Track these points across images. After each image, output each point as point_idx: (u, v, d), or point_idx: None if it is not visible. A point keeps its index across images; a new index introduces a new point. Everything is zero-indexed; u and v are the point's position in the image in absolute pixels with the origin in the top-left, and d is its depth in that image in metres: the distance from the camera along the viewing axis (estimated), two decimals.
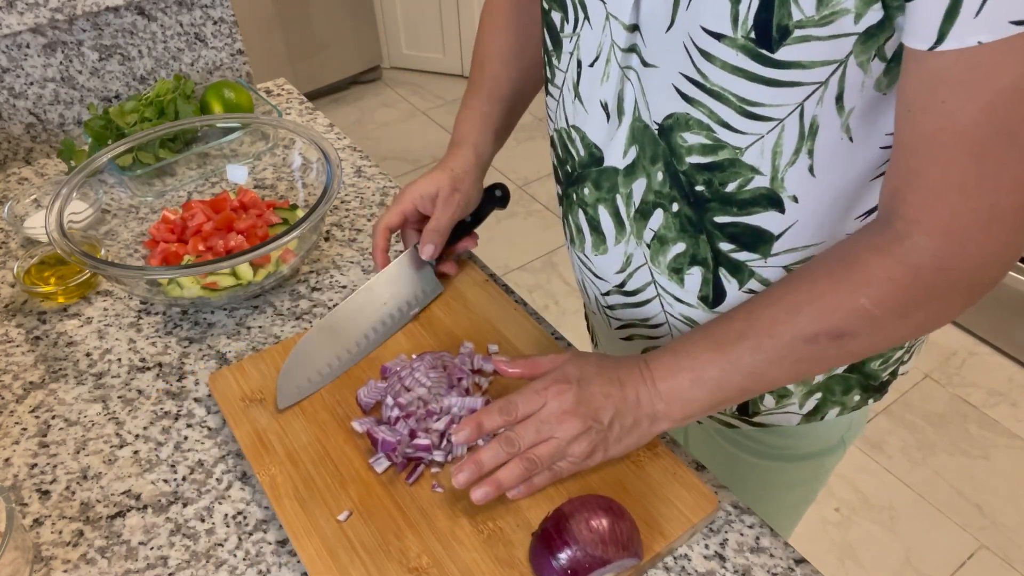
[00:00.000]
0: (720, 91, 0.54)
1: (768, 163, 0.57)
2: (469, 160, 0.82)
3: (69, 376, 0.79)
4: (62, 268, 0.89)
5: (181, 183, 1.01)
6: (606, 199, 0.69)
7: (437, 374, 0.71)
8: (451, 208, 0.80)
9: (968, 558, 1.66)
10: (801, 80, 0.51)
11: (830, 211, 0.59)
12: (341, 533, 0.62)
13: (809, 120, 0.54)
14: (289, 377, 0.73)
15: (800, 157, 0.56)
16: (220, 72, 1.23)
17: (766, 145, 0.56)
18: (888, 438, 1.89)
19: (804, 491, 0.89)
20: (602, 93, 0.64)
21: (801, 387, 0.73)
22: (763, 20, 0.49)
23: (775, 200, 0.59)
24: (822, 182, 0.57)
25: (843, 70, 0.50)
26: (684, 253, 0.66)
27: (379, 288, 0.80)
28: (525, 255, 2.44)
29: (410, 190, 0.80)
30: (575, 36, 0.64)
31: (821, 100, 0.52)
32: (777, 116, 0.54)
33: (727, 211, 0.61)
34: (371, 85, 3.33)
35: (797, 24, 0.48)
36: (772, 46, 0.50)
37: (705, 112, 0.56)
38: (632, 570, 0.60)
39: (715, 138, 0.57)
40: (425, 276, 0.82)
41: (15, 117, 1.08)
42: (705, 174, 0.60)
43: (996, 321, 2.04)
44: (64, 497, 0.69)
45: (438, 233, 0.80)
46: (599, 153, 0.67)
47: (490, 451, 0.60)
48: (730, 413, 0.78)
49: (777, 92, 0.53)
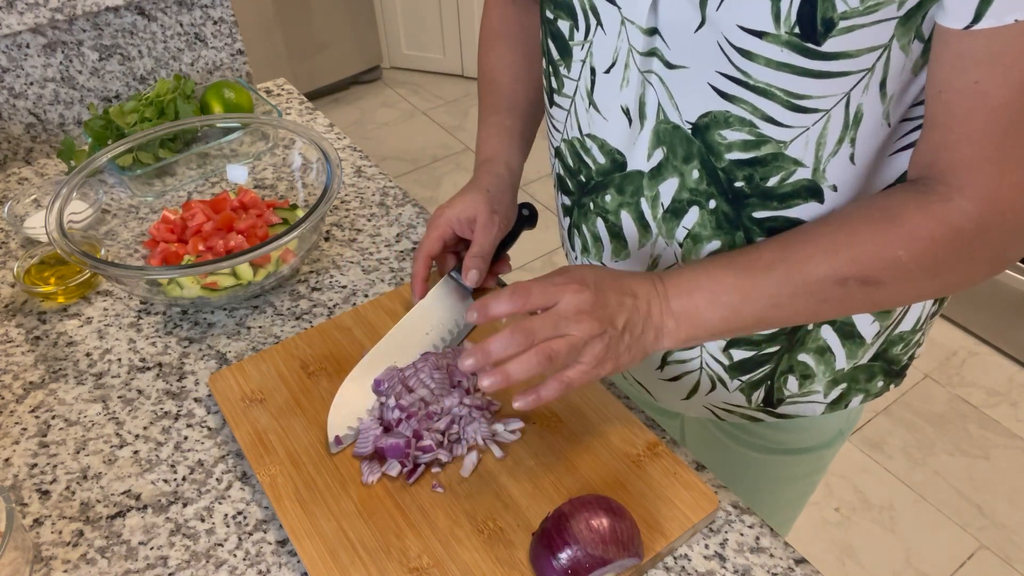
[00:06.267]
0: (765, 87, 0.54)
1: (812, 155, 0.57)
2: (503, 178, 0.79)
3: (69, 376, 0.79)
4: (62, 268, 0.89)
5: (181, 183, 1.01)
6: (629, 203, 0.68)
7: (440, 375, 0.71)
8: (492, 230, 0.77)
9: (968, 558, 1.66)
10: (849, 69, 0.52)
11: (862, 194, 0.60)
12: (341, 533, 0.62)
13: (855, 108, 0.54)
14: (340, 418, 0.69)
15: (843, 147, 0.56)
16: (220, 72, 1.23)
17: (811, 137, 0.56)
18: (888, 438, 1.89)
19: (804, 485, 0.89)
20: (622, 98, 0.63)
21: (827, 375, 0.73)
22: (807, 14, 0.49)
23: (816, 191, 0.59)
24: (860, 168, 0.58)
25: (887, 54, 0.50)
26: (719, 251, 0.65)
27: (421, 319, 0.77)
28: (525, 255, 2.44)
29: (446, 214, 0.77)
30: (587, 43, 0.63)
31: (867, 87, 0.53)
32: (824, 107, 0.54)
33: (767, 206, 0.61)
34: (371, 85, 3.33)
35: (842, 16, 0.48)
36: (818, 39, 0.50)
37: (748, 108, 0.56)
38: (632, 570, 0.60)
39: (758, 133, 0.57)
40: (466, 300, 0.79)
41: (15, 117, 1.08)
42: (746, 169, 0.59)
43: (996, 321, 2.04)
44: (64, 497, 0.69)
45: (481, 258, 0.76)
46: (621, 158, 0.66)
47: (501, 340, 0.55)
48: (756, 406, 0.77)
49: (825, 84, 0.53)
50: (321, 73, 3.13)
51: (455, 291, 0.80)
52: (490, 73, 0.82)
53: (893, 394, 1.98)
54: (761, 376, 0.73)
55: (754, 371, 0.73)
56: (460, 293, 0.80)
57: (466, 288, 0.79)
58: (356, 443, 0.67)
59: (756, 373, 0.73)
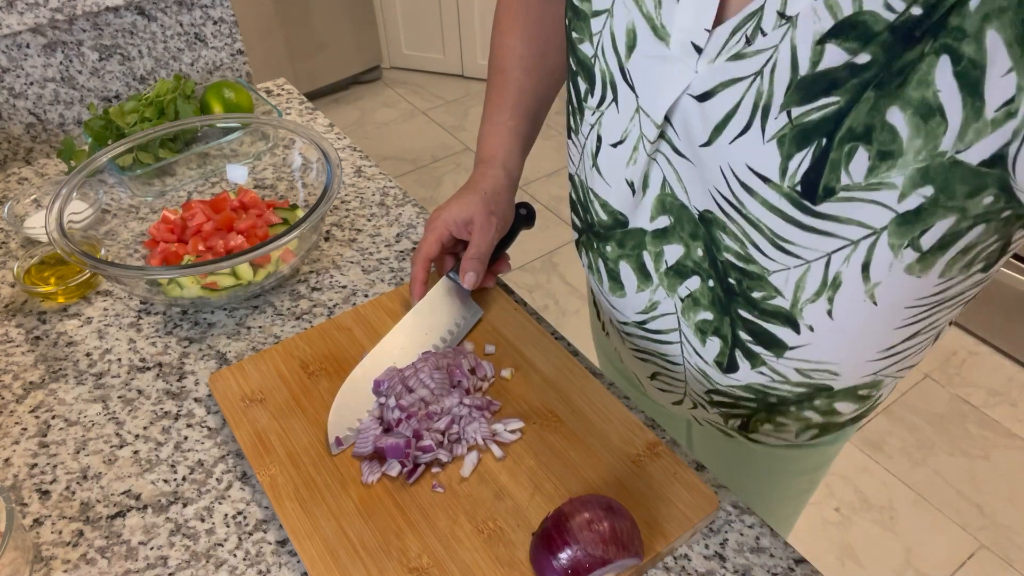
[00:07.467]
0: (756, 221, 0.54)
1: (791, 291, 0.57)
2: (500, 180, 0.79)
3: (69, 376, 0.79)
4: (62, 268, 0.89)
5: (181, 183, 1.01)
6: (630, 256, 0.68)
7: (440, 375, 0.71)
8: (489, 232, 0.77)
9: (968, 558, 1.66)
10: (834, 232, 0.51)
11: (846, 347, 0.60)
12: (341, 533, 0.62)
13: (833, 273, 0.54)
14: (341, 419, 0.69)
15: (820, 299, 0.56)
16: (220, 72, 1.23)
17: (791, 276, 0.56)
18: (888, 438, 1.89)
19: (806, 480, 0.89)
20: (628, 173, 0.62)
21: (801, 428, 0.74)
22: (811, 179, 0.49)
23: (792, 322, 0.59)
24: (840, 325, 0.58)
25: (875, 240, 0.50)
26: (710, 322, 0.65)
27: (420, 319, 0.77)
28: (525, 255, 2.44)
29: (443, 217, 0.77)
30: (599, 112, 0.62)
31: (848, 259, 0.52)
32: (806, 257, 0.54)
33: (750, 311, 0.61)
34: (371, 85, 3.33)
35: (843, 187, 0.48)
36: (815, 200, 0.50)
37: (739, 229, 0.56)
38: (632, 570, 0.59)
39: (747, 253, 0.57)
40: (465, 301, 0.80)
41: (15, 117, 1.08)
42: (737, 274, 0.60)
43: (996, 321, 2.04)
44: (64, 497, 0.69)
45: (479, 260, 0.77)
46: (624, 218, 0.66)
47: None
48: (732, 428, 0.78)
49: (810, 237, 0.53)
50: (321, 73, 3.13)
51: (454, 291, 0.80)
52: (500, 61, 0.81)
53: (893, 394, 1.98)
54: (739, 413, 0.75)
55: (732, 409, 0.74)
56: (459, 293, 0.80)
57: (465, 288, 0.79)
58: (356, 443, 0.67)
59: (734, 410, 0.75)
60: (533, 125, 0.82)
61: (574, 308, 2.25)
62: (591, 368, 0.77)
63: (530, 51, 0.79)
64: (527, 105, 0.80)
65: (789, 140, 0.49)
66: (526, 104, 0.80)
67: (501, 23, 0.81)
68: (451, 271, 0.80)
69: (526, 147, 0.82)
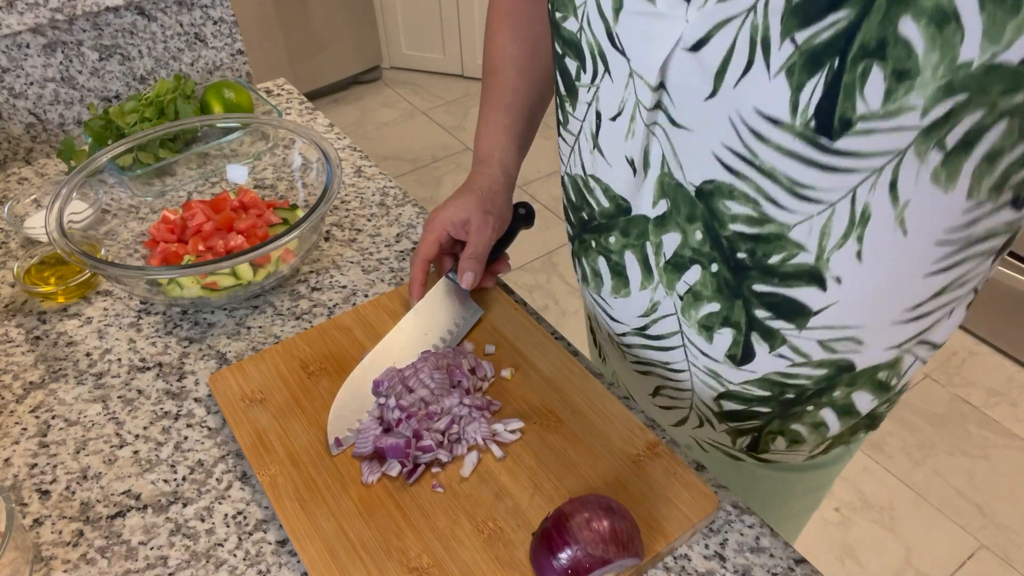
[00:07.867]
0: (770, 170, 0.52)
1: (815, 242, 0.55)
2: (497, 179, 0.78)
3: (69, 376, 0.79)
4: (62, 268, 0.89)
5: (181, 183, 1.01)
6: (635, 245, 0.66)
7: (440, 375, 0.71)
8: (486, 232, 0.76)
9: (968, 558, 1.66)
10: (856, 167, 0.49)
11: (874, 298, 0.58)
12: (341, 533, 0.62)
13: (861, 206, 0.51)
14: (340, 420, 0.69)
15: (849, 241, 0.54)
16: (220, 72, 1.23)
17: (815, 225, 0.54)
18: (888, 438, 1.89)
19: (809, 500, 0.88)
20: (627, 149, 0.61)
21: (816, 441, 0.73)
22: (825, 110, 0.47)
23: (818, 278, 0.57)
24: (869, 268, 0.55)
25: (900, 159, 0.48)
26: (717, 313, 0.64)
27: (420, 320, 0.77)
28: (525, 255, 2.44)
29: (440, 217, 0.77)
30: (594, 88, 0.61)
31: (874, 187, 0.50)
32: (828, 200, 0.52)
33: (767, 281, 0.59)
34: (371, 85, 3.33)
35: (860, 117, 0.46)
36: (832, 136, 0.48)
37: (752, 187, 0.54)
38: (632, 570, 0.59)
39: (762, 212, 0.55)
40: (465, 301, 0.80)
41: (15, 117, 1.08)
42: (749, 243, 0.57)
43: (996, 321, 2.04)
44: (64, 497, 0.69)
45: (476, 260, 0.76)
46: (626, 204, 0.65)
47: None
48: (740, 448, 0.77)
49: (831, 177, 0.50)
50: (321, 73, 3.13)
51: (453, 292, 0.80)
52: (493, 62, 0.80)
53: None
54: (749, 428, 0.73)
55: (743, 422, 0.73)
56: (458, 293, 0.80)
57: (464, 288, 0.79)
58: (356, 443, 0.67)
59: (745, 424, 0.73)
60: (529, 124, 0.82)
61: (574, 308, 2.25)
62: (591, 368, 0.77)
63: (521, 51, 0.79)
64: (521, 105, 0.80)
65: (799, 68, 0.46)
66: (520, 104, 0.80)
67: (492, 24, 0.81)
68: (450, 271, 0.80)
69: (523, 146, 0.82)
